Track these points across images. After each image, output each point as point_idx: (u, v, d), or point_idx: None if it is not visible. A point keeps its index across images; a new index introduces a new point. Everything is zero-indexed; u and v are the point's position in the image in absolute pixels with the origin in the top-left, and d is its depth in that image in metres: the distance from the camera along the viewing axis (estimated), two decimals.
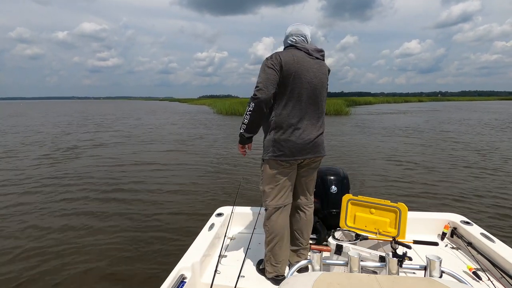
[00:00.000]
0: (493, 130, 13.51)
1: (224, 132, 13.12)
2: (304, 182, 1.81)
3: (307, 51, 1.67)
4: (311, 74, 1.64)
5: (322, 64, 1.73)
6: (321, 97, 1.71)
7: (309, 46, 1.71)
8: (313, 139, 1.67)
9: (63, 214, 4.00)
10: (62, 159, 7.50)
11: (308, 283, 0.81)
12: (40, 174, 5.98)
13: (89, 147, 9.22)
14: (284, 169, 1.68)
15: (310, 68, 1.64)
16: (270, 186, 1.71)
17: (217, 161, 7.28)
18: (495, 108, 35.61)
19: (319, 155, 1.73)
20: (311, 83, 1.64)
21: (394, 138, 11.15)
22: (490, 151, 8.32)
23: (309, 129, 1.66)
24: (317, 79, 1.67)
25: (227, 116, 23.84)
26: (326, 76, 1.74)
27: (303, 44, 1.70)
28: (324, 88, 1.74)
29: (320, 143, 1.72)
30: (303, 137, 1.63)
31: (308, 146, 1.66)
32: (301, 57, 1.63)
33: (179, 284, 1.55)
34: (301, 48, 1.67)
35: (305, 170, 1.77)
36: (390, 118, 21.28)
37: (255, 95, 1.55)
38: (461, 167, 6.48)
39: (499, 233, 3.31)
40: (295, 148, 1.63)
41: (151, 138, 11.39)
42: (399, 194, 4.73)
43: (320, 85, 1.69)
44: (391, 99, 66.34)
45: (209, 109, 33.76)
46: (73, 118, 22.38)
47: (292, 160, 1.65)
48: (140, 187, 5.14)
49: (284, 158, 1.63)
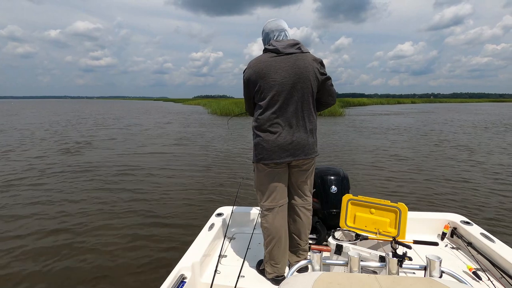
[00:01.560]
0: (489, 131, 13.52)
1: (223, 132, 13.13)
2: (296, 183, 1.77)
3: (277, 50, 1.59)
4: (282, 74, 1.56)
5: (299, 57, 1.59)
6: (303, 94, 1.59)
7: (281, 43, 1.62)
8: (292, 141, 1.60)
9: (63, 215, 4.01)
10: (46, 166, 7.49)
11: (308, 283, 0.81)
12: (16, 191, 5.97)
13: (87, 146, 9.24)
14: (272, 170, 1.67)
15: (279, 68, 1.57)
16: (261, 188, 1.73)
17: (217, 161, 7.29)
18: (486, 110, 35.87)
19: (302, 157, 1.64)
20: (283, 83, 1.56)
21: (391, 138, 11.16)
22: (490, 151, 8.33)
23: (287, 131, 1.60)
24: (292, 76, 1.56)
25: (222, 116, 23.77)
26: (307, 69, 1.58)
27: (275, 44, 1.62)
28: (307, 83, 1.59)
29: (304, 144, 1.63)
30: (279, 140, 1.59)
31: (289, 148, 1.60)
32: (266, 61, 1.59)
33: (179, 284, 1.55)
34: (272, 49, 1.61)
35: (296, 171, 1.73)
36: (385, 119, 21.32)
37: (245, 106, 1.84)
38: (461, 167, 6.49)
39: (499, 233, 3.32)
40: (272, 151, 1.60)
41: (147, 138, 11.40)
42: (399, 194, 4.73)
43: (299, 81, 1.57)
44: (384, 101, 67.18)
45: (203, 109, 33.69)
46: (60, 118, 21.79)
47: (271, 163, 1.63)
48: (140, 187, 5.14)
49: (263, 161, 1.64)
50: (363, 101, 54.89)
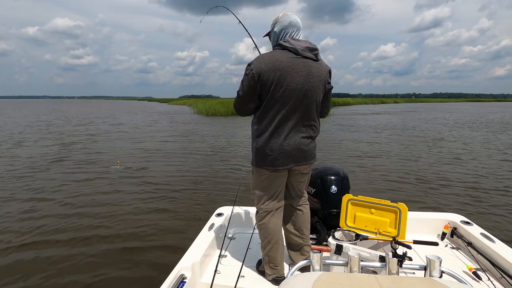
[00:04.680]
0: (483, 130, 13.53)
1: (224, 132, 13.13)
2: (296, 185, 1.77)
3: (296, 51, 1.49)
4: (297, 79, 1.48)
5: (316, 64, 1.54)
6: (311, 102, 1.55)
7: (299, 44, 1.51)
8: (297, 147, 1.56)
9: (62, 215, 4.01)
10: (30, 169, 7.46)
11: (308, 283, 0.81)
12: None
13: (85, 145, 9.23)
14: (272, 175, 1.62)
15: (296, 72, 1.48)
16: (259, 191, 1.69)
17: (217, 161, 7.29)
18: (465, 109, 36.37)
19: (304, 163, 1.63)
20: (296, 89, 1.49)
21: (385, 136, 11.16)
22: (490, 151, 8.33)
23: (293, 138, 1.55)
24: (306, 83, 1.50)
25: (208, 116, 23.65)
26: (320, 78, 1.55)
27: (293, 43, 1.51)
28: (317, 92, 1.56)
29: (307, 150, 1.61)
30: (284, 146, 1.53)
31: (292, 155, 1.56)
32: (285, 61, 1.47)
33: (179, 284, 1.55)
34: (290, 48, 1.50)
35: (296, 174, 1.71)
36: (371, 118, 21.48)
37: (235, 103, 1.65)
38: (461, 167, 6.49)
39: (499, 233, 3.31)
40: (276, 158, 1.55)
41: (141, 138, 11.39)
42: (399, 194, 4.73)
43: (310, 89, 1.52)
44: (368, 100, 68.13)
45: (189, 109, 33.48)
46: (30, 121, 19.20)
47: (274, 170, 1.59)
48: (139, 187, 5.14)
49: (265, 167, 1.58)
50: (348, 101, 55.21)
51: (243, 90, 1.56)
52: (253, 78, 1.50)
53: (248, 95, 1.56)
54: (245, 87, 1.54)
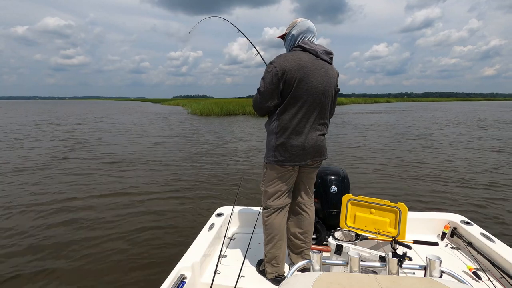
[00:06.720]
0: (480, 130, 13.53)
1: (223, 132, 13.13)
2: (306, 181, 1.81)
3: (316, 53, 1.59)
4: (318, 79, 1.58)
5: (330, 67, 1.65)
6: (327, 102, 1.65)
7: (318, 47, 1.62)
8: (315, 144, 1.64)
9: (61, 213, 4.01)
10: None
11: (308, 283, 0.81)
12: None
13: (86, 145, 9.23)
14: (286, 172, 1.68)
15: (317, 72, 1.57)
16: (271, 188, 1.72)
17: (217, 161, 7.28)
18: (455, 108, 36.67)
19: (320, 158, 1.72)
20: (317, 88, 1.58)
21: (381, 137, 11.16)
22: (489, 152, 8.33)
23: (312, 135, 1.62)
24: (325, 83, 1.60)
25: (202, 116, 23.60)
26: (334, 80, 1.67)
27: (313, 46, 1.61)
28: (331, 92, 1.67)
29: (322, 146, 1.70)
30: (305, 143, 1.60)
31: (310, 151, 1.64)
32: (308, 61, 1.56)
33: (179, 284, 1.55)
34: (310, 50, 1.59)
35: (307, 169, 1.77)
36: (370, 117, 21.43)
37: (254, 100, 1.68)
38: (461, 167, 6.49)
39: (499, 233, 3.31)
40: (297, 154, 1.61)
41: (138, 138, 11.39)
42: (399, 194, 4.73)
43: (328, 89, 1.63)
44: (361, 100, 68.53)
45: (183, 110, 33.38)
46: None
47: (293, 166, 1.65)
48: (139, 188, 5.14)
49: (285, 163, 1.63)
50: (341, 101, 55.40)
51: (265, 87, 1.59)
52: (276, 75, 1.54)
53: (269, 92, 1.58)
54: (268, 84, 1.57)
